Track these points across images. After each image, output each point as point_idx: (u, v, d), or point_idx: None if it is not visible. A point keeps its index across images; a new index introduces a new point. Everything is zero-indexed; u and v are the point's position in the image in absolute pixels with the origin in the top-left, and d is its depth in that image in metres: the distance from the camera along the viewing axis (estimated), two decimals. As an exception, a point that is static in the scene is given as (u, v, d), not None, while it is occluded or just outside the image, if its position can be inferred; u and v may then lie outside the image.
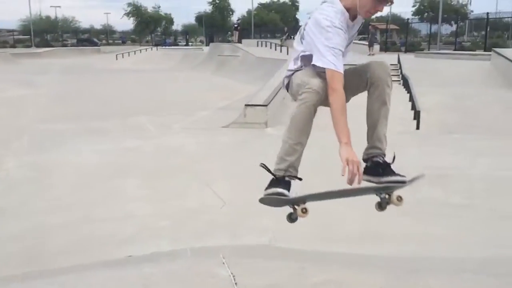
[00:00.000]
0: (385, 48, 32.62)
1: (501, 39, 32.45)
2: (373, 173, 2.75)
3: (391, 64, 18.88)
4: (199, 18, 76.34)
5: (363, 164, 2.74)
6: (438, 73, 17.47)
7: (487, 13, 29.71)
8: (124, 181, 6.96)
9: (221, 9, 75.09)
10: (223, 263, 2.10)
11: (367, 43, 27.44)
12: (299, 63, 2.76)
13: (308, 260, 2.90)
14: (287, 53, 24.29)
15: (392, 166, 2.75)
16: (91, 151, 8.77)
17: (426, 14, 51.77)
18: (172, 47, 54.42)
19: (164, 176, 7.21)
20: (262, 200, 2.77)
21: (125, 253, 4.35)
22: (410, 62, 19.78)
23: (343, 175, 2.49)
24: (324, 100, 2.63)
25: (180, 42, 71.48)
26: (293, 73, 2.80)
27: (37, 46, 55.96)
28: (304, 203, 2.72)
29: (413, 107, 11.73)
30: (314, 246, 4.68)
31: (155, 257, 3.46)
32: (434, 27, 35.26)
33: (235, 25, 41.80)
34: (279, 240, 4.80)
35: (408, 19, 40.77)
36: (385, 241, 4.86)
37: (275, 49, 29.38)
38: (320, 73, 2.61)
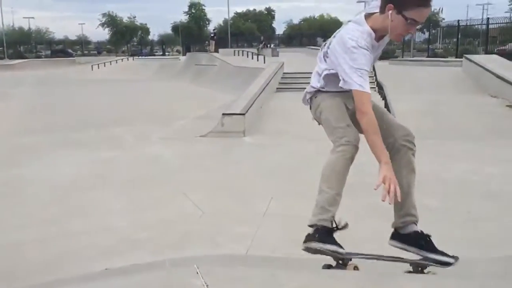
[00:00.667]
0: (360, 55, 33.05)
1: (472, 46, 33.23)
2: (413, 243, 2.76)
3: (366, 72, 19.17)
4: (176, 27, 76.19)
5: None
6: (412, 79, 17.80)
7: (458, 20, 30.46)
8: (101, 193, 6.87)
9: (197, 19, 75.10)
10: (197, 272, 2.10)
11: None
12: (322, 82, 2.76)
13: (281, 267, 2.91)
14: (264, 62, 24.42)
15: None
16: (66, 164, 8.63)
17: (399, 22, 52.76)
18: (149, 57, 54.16)
19: (141, 186, 7.15)
20: (309, 250, 2.68)
21: (103, 266, 4.29)
22: (384, 69, 20.09)
23: (375, 189, 2.52)
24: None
25: (156, 52, 71.15)
26: (316, 91, 2.82)
27: (10, 58, 54.94)
28: (351, 259, 2.72)
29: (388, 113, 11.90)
30: (292, 252, 4.69)
31: (132, 269, 3.42)
32: (408, 35, 35.91)
33: (212, 35, 41.92)
34: (258, 248, 4.80)
35: (382, 27, 41.45)
36: (362, 245, 4.89)
37: (252, 58, 29.49)
38: (346, 98, 2.64)
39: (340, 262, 2.70)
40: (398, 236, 2.79)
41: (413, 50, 34.36)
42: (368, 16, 2.60)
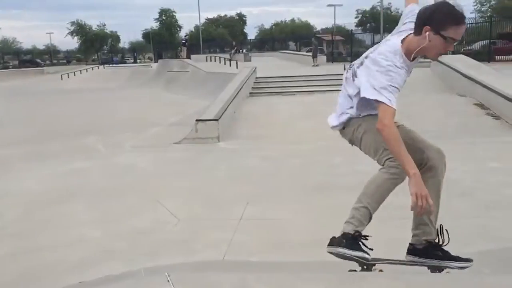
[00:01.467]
0: (332, 58, 33.46)
1: (440, 47, 34.01)
2: (431, 256, 2.88)
3: (339, 74, 19.37)
4: (147, 35, 75.65)
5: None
6: (383, 81, 18.05)
7: (425, 22, 31.14)
8: (73, 204, 6.71)
9: (168, 26, 74.78)
10: (168, 280, 2.05)
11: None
12: (356, 106, 2.79)
13: (255, 271, 2.89)
14: (237, 67, 24.44)
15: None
16: (36, 177, 8.40)
17: (368, 24, 53.64)
18: (120, 64, 53.54)
19: (115, 196, 7.01)
20: (337, 255, 2.75)
21: (78, 279, 4.17)
22: (356, 71, 20.35)
23: (411, 210, 2.56)
24: None
25: (128, 59, 70.55)
26: (350, 118, 2.85)
27: (-23, 69, 53.56)
28: (375, 265, 2.81)
29: (361, 114, 12.03)
30: (268, 256, 4.67)
31: (106, 281, 3.34)
32: (377, 37, 36.53)
33: (183, 41, 41.71)
34: (234, 253, 4.75)
35: (352, 30, 42.08)
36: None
37: (225, 64, 29.49)
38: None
39: (365, 267, 2.78)
40: (414, 251, 2.92)
41: (383, 52, 34.93)
42: (402, 38, 2.68)
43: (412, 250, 2.91)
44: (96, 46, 73.82)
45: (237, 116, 13.80)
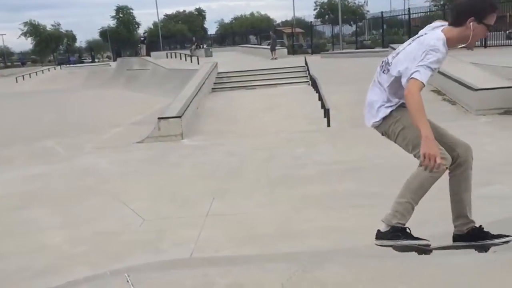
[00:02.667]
0: (292, 51, 33.65)
1: (397, 35, 34.69)
2: (475, 239, 3.04)
3: (299, 66, 19.55)
4: (104, 33, 73.94)
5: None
6: (343, 71, 18.33)
7: (382, 12, 31.76)
8: (33, 210, 6.53)
9: (126, 23, 73.29)
10: (127, 281, 2.04)
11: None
12: (389, 98, 2.98)
13: (215, 266, 2.90)
14: (198, 63, 24.26)
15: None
16: (-6, 182, 8.13)
17: (327, 16, 54.15)
18: (77, 64, 52.21)
19: (77, 199, 6.87)
20: (397, 248, 2.94)
21: (41, 286, 4.09)
22: (316, 63, 20.57)
23: (420, 165, 2.75)
24: None
25: (85, 59, 68.82)
26: (391, 112, 3.00)
27: None
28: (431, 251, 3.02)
29: (323, 105, 12.19)
30: (236, 250, 4.69)
31: (69, 286, 3.27)
32: (336, 28, 36.97)
33: (142, 38, 41.04)
34: (202, 250, 4.75)
35: (311, 22, 42.41)
36: (305, 237, 4.98)
37: (186, 60, 29.20)
38: None
39: (423, 253, 2.96)
40: (459, 237, 3.10)
41: (342, 43, 35.37)
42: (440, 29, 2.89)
43: (458, 237, 3.11)
44: (51, 47, 71.66)
45: (200, 112, 13.73)
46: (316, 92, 14.12)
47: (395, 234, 2.88)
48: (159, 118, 11.34)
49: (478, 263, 2.51)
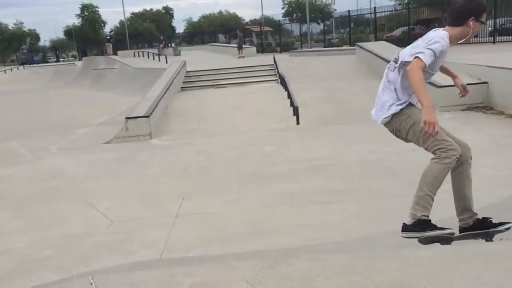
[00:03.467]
0: (261, 49, 33.74)
1: (364, 34, 35.24)
2: (480, 228, 3.28)
3: (268, 65, 19.60)
4: (69, 32, 72.29)
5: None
6: (312, 69, 18.49)
7: (349, 11, 32.20)
8: (-4, 214, 6.33)
9: (92, 21, 71.84)
10: (91, 283, 2.00)
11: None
12: (399, 95, 3.24)
13: (183, 266, 2.88)
14: (166, 62, 24.01)
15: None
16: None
17: (295, 15, 54.47)
18: (41, 64, 50.84)
19: (42, 202, 6.70)
20: (423, 241, 3.14)
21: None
22: (285, 61, 20.67)
23: (420, 131, 3.00)
24: None
25: (50, 58, 67.05)
26: (401, 110, 3.26)
27: None
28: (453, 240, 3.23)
29: (292, 103, 12.26)
30: (207, 250, 4.67)
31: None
32: (304, 27, 37.28)
33: (108, 37, 40.32)
34: (172, 251, 4.71)
35: (279, 20, 42.62)
36: (275, 235, 5.00)
37: (153, 59, 28.87)
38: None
39: (446, 242, 3.17)
40: (466, 230, 3.32)
41: (310, 41, 35.67)
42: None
43: (464, 230, 3.31)
44: (14, 46, 69.63)
45: (169, 112, 13.59)
46: (285, 90, 14.19)
47: (422, 227, 3.06)
48: (126, 118, 11.17)
49: (444, 255, 2.57)
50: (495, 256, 2.54)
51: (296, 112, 11.55)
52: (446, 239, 3.14)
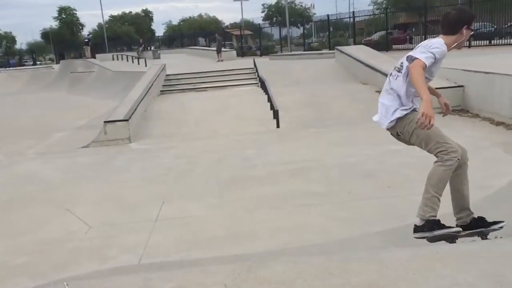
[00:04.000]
0: (241, 53, 33.77)
1: (343, 38, 35.58)
2: (475, 227, 3.52)
3: (248, 68, 19.63)
4: (46, 34, 71.24)
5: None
6: (292, 73, 18.58)
7: (328, 15, 32.48)
8: (-30, 220, 6.17)
9: (69, 24, 70.94)
10: (66, 290, 1.97)
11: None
12: (403, 101, 3.46)
13: (161, 271, 2.86)
14: (145, 65, 23.84)
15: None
16: None
17: (275, 18, 54.69)
18: (18, 67, 49.92)
19: (18, 208, 6.56)
20: (432, 239, 3.36)
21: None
22: (265, 64, 20.72)
23: (416, 122, 3.19)
24: None
25: (26, 61, 65.87)
26: (405, 114, 3.46)
27: None
28: (457, 237, 3.48)
29: (272, 107, 12.29)
30: (188, 254, 4.64)
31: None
32: (284, 30, 37.44)
33: (86, 40, 39.88)
34: (151, 256, 4.66)
35: (259, 24, 42.74)
36: (256, 238, 4.99)
37: (133, 62, 28.65)
38: None
39: (452, 240, 3.42)
40: (463, 227, 3.51)
41: (290, 45, 35.85)
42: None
43: (462, 227, 3.50)
44: (-11, 49, 68.36)
45: (148, 115, 13.49)
46: (265, 94, 14.23)
47: (431, 226, 3.30)
48: (105, 122, 11.04)
49: (420, 256, 2.60)
50: (470, 256, 2.59)
51: (276, 115, 11.59)
52: (452, 237, 3.38)
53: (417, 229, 3.38)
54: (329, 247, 4.37)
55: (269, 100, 13.03)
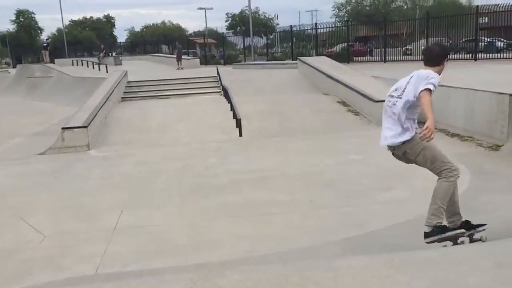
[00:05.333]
0: (205, 61, 33.68)
1: (306, 49, 36.06)
2: (468, 228, 4.02)
3: (211, 77, 19.58)
4: (2, 38, 68.87)
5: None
6: (255, 82, 18.66)
7: (291, 26, 32.88)
8: None
9: (27, 28, 68.89)
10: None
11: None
12: (406, 124, 3.95)
13: (114, 280, 2.80)
14: (106, 71, 23.42)
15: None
16: None
17: (238, 28, 54.90)
18: (-29, 71, 47.98)
19: (-32, 217, 6.27)
20: (439, 240, 3.89)
21: None
22: (229, 73, 20.75)
23: (419, 133, 3.79)
24: None
25: (-19, 65, 63.48)
26: (413, 136, 3.95)
27: None
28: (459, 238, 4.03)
29: (235, 115, 12.29)
30: (146, 264, 4.55)
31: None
32: (248, 40, 37.60)
33: (44, 44, 38.81)
34: (108, 266, 4.55)
35: (223, 33, 42.81)
36: (218, 247, 4.96)
37: (93, 68, 28.08)
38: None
39: (458, 241, 3.99)
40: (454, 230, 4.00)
41: (254, 54, 36.02)
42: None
43: (429, 233, 3.93)
44: None
45: (108, 122, 13.23)
46: (228, 102, 14.22)
47: (439, 231, 3.84)
48: (63, 128, 10.75)
49: (376, 264, 2.64)
50: (425, 263, 2.65)
51: (239, 124, 11.59)
52: (456, 238, 3.95)
53: (427, 235, 3.87)
54: (290, 256, 4.39)
55: (232, 108, 13.03)
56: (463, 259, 2.79)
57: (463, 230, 3.95)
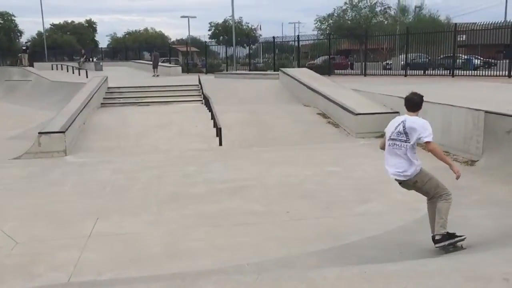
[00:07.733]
0: (187, 69, 33.63)
1: (288, 60, 36.30)
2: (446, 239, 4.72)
3: (192, 85, 19.54)
4: (-20, 39, 67.57)
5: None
6: (237, 91, 18.68)
7: (274, 37, 33.14)
8: None
9: (7, 30, 67.77)
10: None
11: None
12: (412, 160, 4.75)
13: None
14: (86, 76, 23.17)
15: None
16: None
17: (221, 37, 55.02)
18: None
19: None
20: (444, 246, 4.68)
21: None
22: (210, 82, 20.72)
23: (456, 173, 4.69)
24: None
25: (-43, 67, 62.08)
26: (421, 170, 4.81)
27: None
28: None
29: (215, 124, 12.28)
30: (120, 272, 4.49)
31: None
32: (231, 50, 37.71)
33: (24, 48, 38.25)
34: (82, 274, 4.47)
35: (206, 42, 42.84)
36: (194, 257, 4.92)
37: (73, 72, 27.76)
38: None
39: (461, 246, 4.78)
40: (441, 239, 4.70)
41: (236, 64, 36.12)
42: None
43: (439, 240, 4.69)
44: None
45: (86, 128, 13.06)
46: (209, 111, 14.20)
47: (447, 237, 4.64)
48: (39, 133, 10.57)
49: (348, 276, 2.66)
50: (395, 276, 2.68)
51: (219, 133, 11.58)
52: (460, 241, 4.73)
53: (437, 242, 4.64)
54: (266, 266, 4.38)
55: (213, 117, 13.01)
56: (429, 272, 2.83)
57: (464, 237, 4.74)
